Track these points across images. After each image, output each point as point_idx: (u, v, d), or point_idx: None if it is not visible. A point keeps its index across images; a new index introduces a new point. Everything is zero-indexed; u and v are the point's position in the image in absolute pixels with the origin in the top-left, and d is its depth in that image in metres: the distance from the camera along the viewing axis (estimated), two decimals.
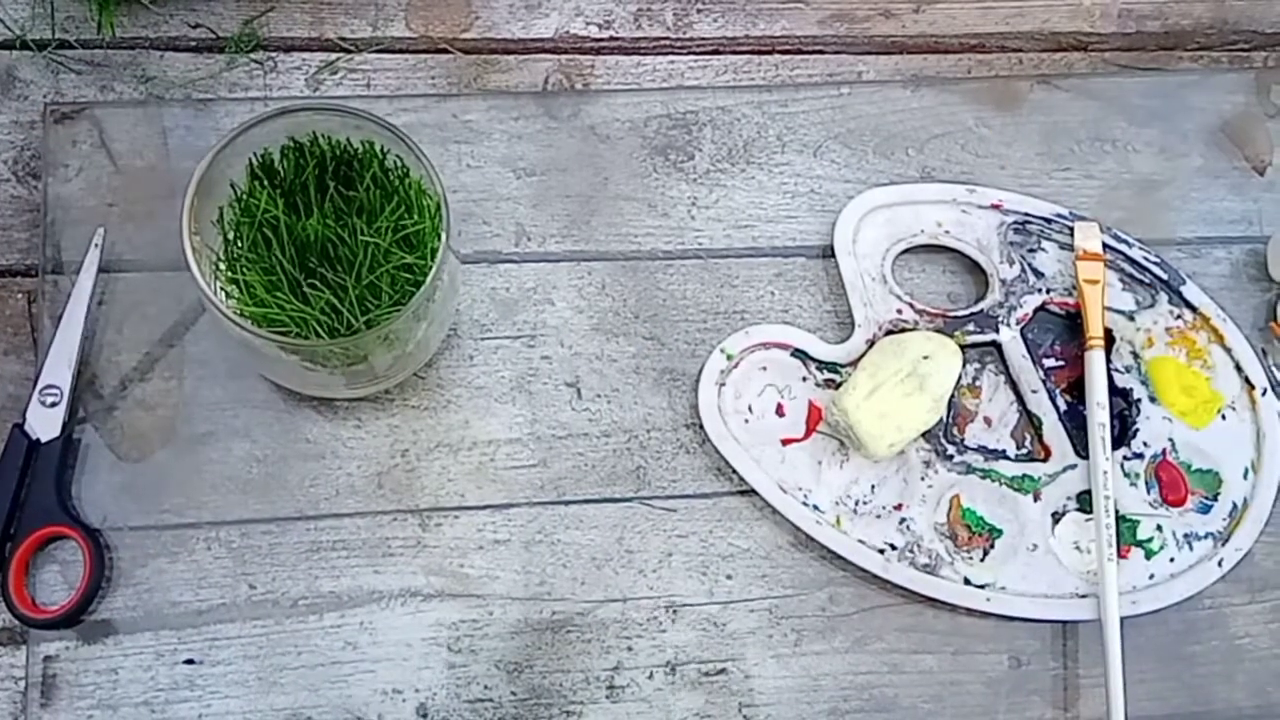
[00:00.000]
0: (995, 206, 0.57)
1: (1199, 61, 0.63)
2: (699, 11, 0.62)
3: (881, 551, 0.53)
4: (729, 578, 0.53)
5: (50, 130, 0.56)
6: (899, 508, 0.53)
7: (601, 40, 0.61)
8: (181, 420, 0.53)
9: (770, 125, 0.59)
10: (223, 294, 0.48)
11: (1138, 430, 0.55)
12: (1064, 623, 0.53)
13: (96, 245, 0.53)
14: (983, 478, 0.54)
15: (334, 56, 0.59)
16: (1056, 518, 0.54)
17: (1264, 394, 0.56)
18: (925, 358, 0.51)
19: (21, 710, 0.50)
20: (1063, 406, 0.56)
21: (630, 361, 0.55)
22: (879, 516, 0.53)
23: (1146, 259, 0.57)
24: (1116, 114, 0.61)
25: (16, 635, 0.50)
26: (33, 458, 0.51)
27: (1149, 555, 0.54)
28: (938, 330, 0.55)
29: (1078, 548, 0.54)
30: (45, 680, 0.50)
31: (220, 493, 0.52)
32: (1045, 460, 0.55)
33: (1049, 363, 0.57)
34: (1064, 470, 0.54)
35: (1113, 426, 0.56)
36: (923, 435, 0.54)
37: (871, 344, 0.55)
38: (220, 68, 0.58)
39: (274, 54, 0.59)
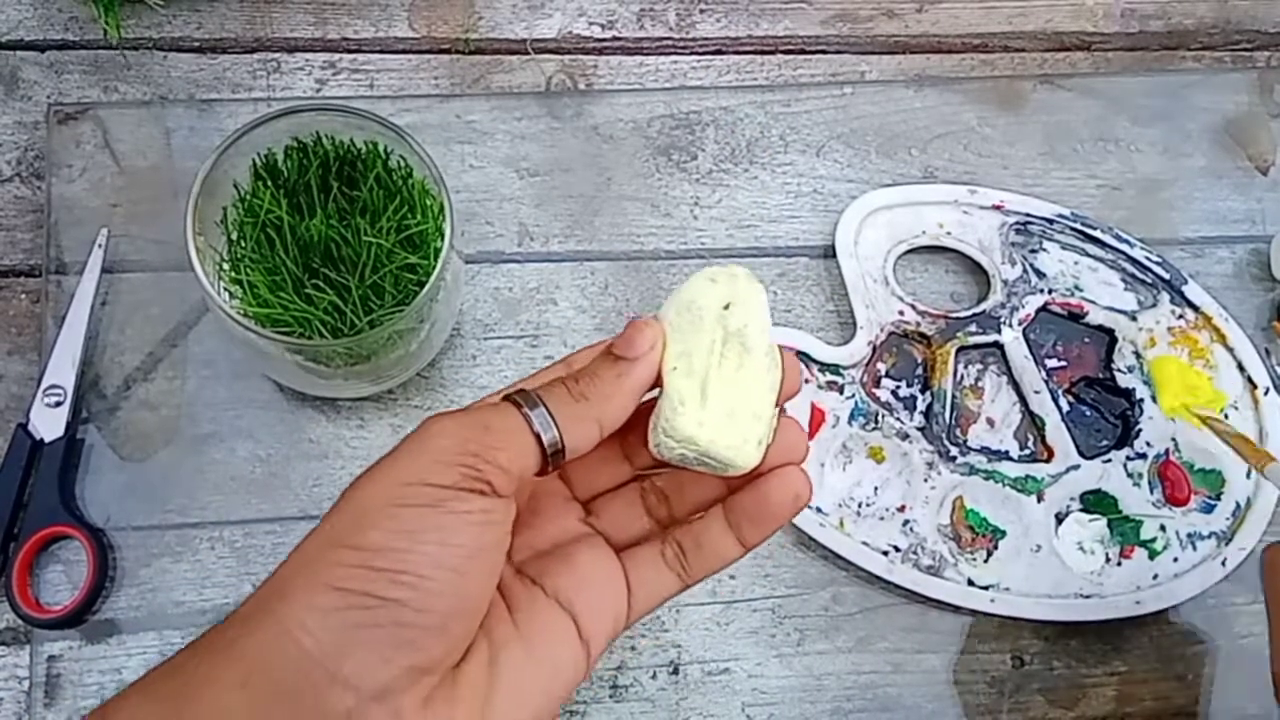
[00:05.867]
0: (997, 207, 0.57)
1: (1202, 61, 0.63)
2: (702, 11, 0.62)
3: (885, 553, 0.53)
4: (732, 577, 0.53)
5: (54, 131, 0.56)
6: (902, 509, 0.53)
7: (604, 40, 0.61)
8: (185, 420, 0.53)
9: (773, 125, 0.59)
10: (226, 294, 0.48)
11: (1140, 430, 0.55)
12: (1067, 623, 0.53)
13: (100, 245, 0.53)
14: (986, 479, 0.54)
15: (337, 57, 0.59)
16: (1060, 518, 0.54)
17: (1266, 393, 0.56)
18: (727, 307, 0.36)
19: (25, 710, 0.50)
20: (1065, 407, 0.56)
21: None
22: (882, 518, 0.53)
23: (1149, 259, 0.57)
24: (1119, 114, 0.61)
25: (20, 635, 0.50)
26: (36, 458, 0.51)
27: (1153, 555, 0.54)
28: (939, 332, 0.55)
29: (1081, 548, 0.54)
30: (49, 680, 0.50)
31: (224, 493, 0.52)
32: (1048, 461, 0.55)
33: (1051, 363, 0.57)
34: (1067, 471, 0.54)
35: (1115, 426, 0.56)
36: (922, 434, 0.54)
37: (874, 347, 0.55)
38: (224, 68, 0.58)
39: (277, 54, 0.59)
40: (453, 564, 0.29)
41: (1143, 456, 0.55)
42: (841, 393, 0.55)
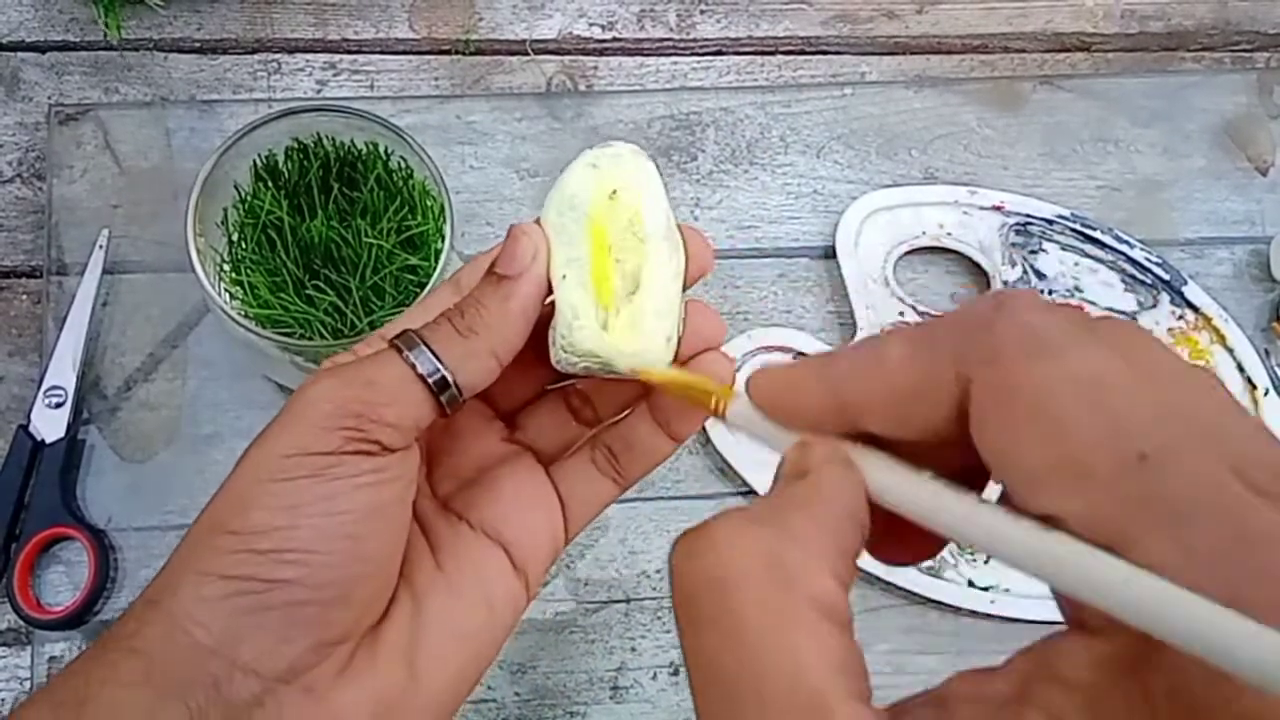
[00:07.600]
0: (997, 208, 0.58)
1: (1201, 62, 0.63)
2: (702, 12, 0.62)
3: None
4: None
5: (55, 131, 0.56)
6: None
7: (605, 41, 0.61)
8: (185, 421, 0.53)
9: (773, 126, 0.59)
10: (227, 295, 0.48)
11: None
12: None
13: (101, 246, 0.53)
14: None
15: (338, 58, 0.59)
16: None
17: (1266, 394, 0.56)
18: (613, 195, 0.32)
19: None
20: None
21: None
22: None
23: (1148, 259, 0.57)
24: (1119, 114, 0.61)
25: (21, 635, 0.51)
26: (37, 459, 0.51)
27: None
28: None
29: None
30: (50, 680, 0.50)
31: None
32: None
33: None
34: None
35: None
36: None
37: None
38: (225, 69, 0.58)
39: (277, 55, 0.59)
40: (344, 532, 0.28)
41: None
42: None
